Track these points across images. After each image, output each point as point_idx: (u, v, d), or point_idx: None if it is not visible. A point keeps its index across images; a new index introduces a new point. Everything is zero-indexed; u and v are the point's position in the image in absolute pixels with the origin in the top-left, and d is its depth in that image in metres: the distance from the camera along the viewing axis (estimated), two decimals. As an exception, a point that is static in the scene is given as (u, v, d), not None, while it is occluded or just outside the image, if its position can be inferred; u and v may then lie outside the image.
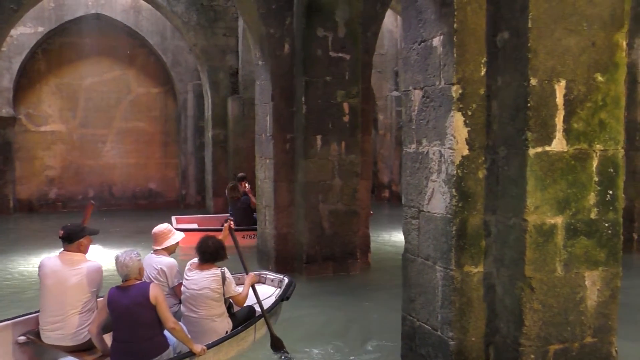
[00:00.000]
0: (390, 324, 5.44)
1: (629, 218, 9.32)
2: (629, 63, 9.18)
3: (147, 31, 14.93)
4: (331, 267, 7.98)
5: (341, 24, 7.90)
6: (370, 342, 5.40)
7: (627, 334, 4.86)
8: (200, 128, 15.47)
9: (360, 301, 6.85)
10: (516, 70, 3.83)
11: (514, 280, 3.84)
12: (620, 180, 3.99)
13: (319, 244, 7.91)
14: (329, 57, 7.87)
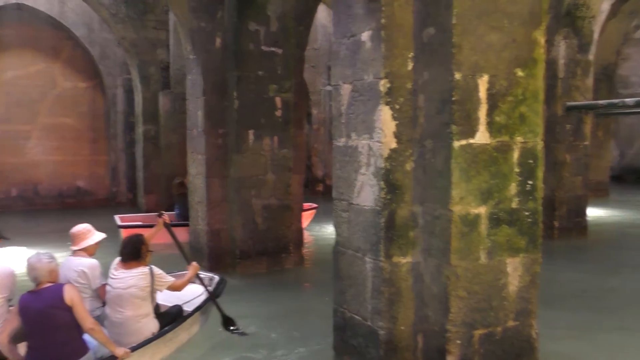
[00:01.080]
0: (322, 316, 5.49)
1: (550, 207, 9.75)
2: (549, 59, 9.63)
3: (73, 23, 14.40)
4: (265, 263, 7.98)
5: (273, 18, 7.88)
6: (303, 335, 5.44)
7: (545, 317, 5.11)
8: (130, 124, 15.08)
9: (293, 295, 6.89)
10: (442, 65, 3.93)
11: (440, 269, 3.95)
12: (539, 170, 4.17)
13: (252, 240, 7.89)
14: (261, 51, 7.85)
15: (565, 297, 6.54)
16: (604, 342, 5.10)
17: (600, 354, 4.83)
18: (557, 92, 9.71)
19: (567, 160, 9.89)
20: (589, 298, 6.57)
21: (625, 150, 21.61)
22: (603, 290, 6.90)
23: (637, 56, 20.75)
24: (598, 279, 7.43)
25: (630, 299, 6.58)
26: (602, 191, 16.16)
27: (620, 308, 6.19)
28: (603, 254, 9.19)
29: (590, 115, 10.58)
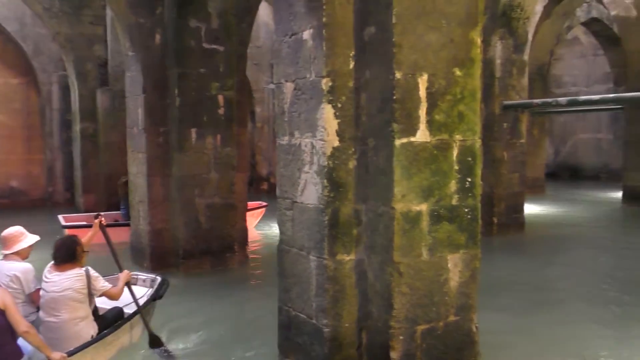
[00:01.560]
0: (267, 315, 5.47)
1: (489, 203, 10.03)
2: (487, 59, 9.89)
3: (3, 17, 13.84)
4: (209, 262, 7.89)
5: (214, 14, 7.78)
6: (248, 334, 5.41)
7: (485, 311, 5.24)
8: (67, 121, 14.61)
9: (238, 294, 6.83)
10: (382, 64, 3.97)
11: (383, 266, 4.00)
12: (478, 168, 4.27)
13: (195, 239, 7.79)
14: (202, 48, 7.74)
15: (504, 291, 6.73)
16: (542, 334, 5.27)
17: (538, 345, 4.99)
18: (495, 91, 9.98)
19: (505, 158, 10.19)
20: (527, 291, 6.79)
21: (559, 148, 22.43)
22: (540, 284, 7.14)
23: (570, 56, 21.58)
24: (535, 273, 7.69)
25: (566, 291, 6.83)
26: (538, 188, 16.73)
27: (557, 300, 6.43)
28: (540, 249, 9.52)
29: (526, 114, 10.93)
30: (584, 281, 7.28)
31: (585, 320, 5.64)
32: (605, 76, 19.68)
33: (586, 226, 11.63)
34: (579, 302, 6.35)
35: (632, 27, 13.36)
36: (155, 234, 7.85)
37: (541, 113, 15.67)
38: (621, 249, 9.38)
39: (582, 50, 21.18)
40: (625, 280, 7.27)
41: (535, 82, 16.15)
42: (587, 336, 5.18)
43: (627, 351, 4.85)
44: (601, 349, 4.89)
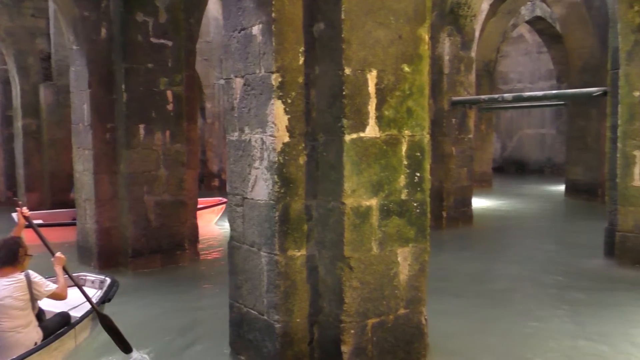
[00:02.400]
0: (218, 313, 5.43)
1: (438, 198, 10.21)
2: (435, 55, 10.03)
3: (-61, 9, 13.25)
4: (159, 260, 7.76)
5: (162, 9, 7.64)
6: (199, 332, 5.35)
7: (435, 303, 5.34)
8: (8, 118, 14.10)
9: (189, 292, 6.75)
10: (332, 60, 3.98)
11: (334, 260, 4.02)
12: (426, 163, 4.33)
13: (145, 237, 7.65)
14: (150, 43, 7.59)
15: (453, 283, 6.86)
16: (491, 325, 5.39)
17: (486, 335, 5.11)
18: (443, 87, 10.15)
19: (453, 153, 10.37)
20: (475, 283, 6.94)
21: (506, 143, 23.00)
22: (488, 275, 7.30)
23: (515, 54, 22.13)
24: (483, 265, 7.86)
25: (513, 282, 7.00)
26: (485, 182, 17.11)
27: (505, 291, 6.58)
28: (487, 241, 9.74)
29: (473, 110, 11.16)
30: (530, 271, 7.49)
31: (530, 309, 5.80)
32: (549, 73, 20.27)
33: (531, 218, 11.97)
34: (525, 291, 6.53)
35: (573, 25, 13.78)
36: (103, 232, 7.68)
37: (488, 109, 16.02)
38: (563, 239, 9.70)
39: (527, 48, 21.76)
40: (566, 267, 7.52)
41: (483, 78, 16.51)
42: (532, 325, 5.33)
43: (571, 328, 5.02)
44: (548, 337, 5.04)
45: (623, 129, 7.46)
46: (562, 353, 4.67)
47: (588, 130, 13.83)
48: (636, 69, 7.26)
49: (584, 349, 4.75)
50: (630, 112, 7.37)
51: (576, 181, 14.26)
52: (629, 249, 7.44)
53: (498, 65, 19.54)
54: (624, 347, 4.77)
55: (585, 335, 5.03)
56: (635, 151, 7.35)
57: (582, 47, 13.72)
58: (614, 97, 7.68)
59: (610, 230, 7.83)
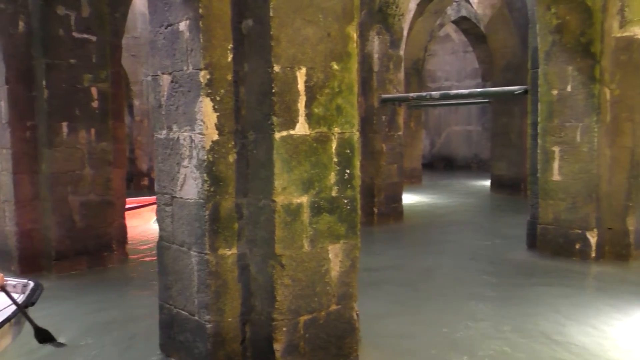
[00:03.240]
0: (148, 314, 5.32)
1: (369, 194, 10.36)
2: (365, 53, 10.16)
3: None
4: (85, 262, 7.52)
5: (85, 2, 7.39)
6: (127, 335, 5.21)
7: (366, 298, 5.42)
8: None
9: (117, 294, 6.57)
10: (261, 57, 3.96)
11: (266, 259, 4.01)
12: (356, 160, 4.38)
13: (70, 239, 7.39)
14: (72, 38, 7.32)
15: (384, 277, 6.98)
16: (420, 317, 5.52)
17: (418, 327, 5.22)
18: (373, 85, 10.29)
19: (384, 150, 10.54)
20: (405, 277, 7.08)
21: (434, 140, 23.60)
22: (418, 269, 7.47)
23: (442, 52, 22.73)
24: (414, 259, 8.03)
25: (442, 275, 7.20)
26: (415, 178, 17.51)
27: (434, 284, 6.76)
28: (417, 236, 9.97)
29: (403, 107, 11.38)
30: (457, 263, 7.72)
31: (459, 300, 5.97)
32: (474, 71, 20.94)
33: (459, 213, 12.34)
34: (454, 283, 6.72)
35: (496, 26, 14.28)
36: (24, 235, 7.35)
37: (417, 106, 16.39)
38: (489, 232, 10.05)
39: (454, 47, 22.39)
40: (492, 259, 7.80)
41: (412, 76, 16.88)
42: (461, 316, 5.49)
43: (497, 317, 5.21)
44: (476, 327, 5.20)
45: (542, 126, 7.80)
46: (490, 342, 4.83)
47: (511, 127, 14.36)
48: (554, 69, 7.61)
49: (509, 337, 4.93)
50: (549, 109, 7.71)
51: (500, 176, 14.80)
52: (549, 240, 7.79)
53: (426, 63, 20.03)
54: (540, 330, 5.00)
55: (510, 322, 5.23)
56: (554, 147, 7.69)
57: (505, 47, 14.25)
58: (534, 95, 8.02)
59: (532, 223, 8.18)
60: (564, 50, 7.51)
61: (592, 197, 7.42)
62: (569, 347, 4.69)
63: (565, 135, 7.59)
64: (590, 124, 7.38)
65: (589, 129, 7.39)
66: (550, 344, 4.78)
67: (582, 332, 5.01)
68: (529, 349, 4.67)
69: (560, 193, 7.67)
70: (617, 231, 7.44)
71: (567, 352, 4.60)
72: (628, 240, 7.40)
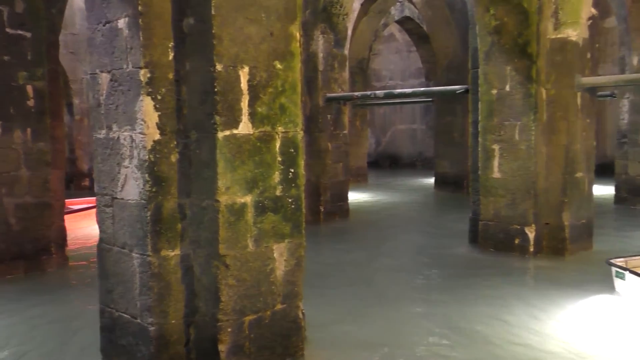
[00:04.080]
0: (88, 319, 5.18)
1: (316, 193, 10.40)
2: (310, 53, 10.19)
3: None
4: (22, 267, 7.25)
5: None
6: (66, 340, 5.06)
7: (312, 297, 5.44)
8: None
9: (56, 299, 6.37)
10: (203, 56, 3.92)
11: (209, 259, 3.97)
12: (300, 159, 4.39)
13: (5, 243, 7.11)
14: (6, 34, 7.05)
15: (330, 276, 7.02)
16: (366, 314, 5.57)
17: (363, 324, 5.27)
18: (318, 84, 10.33)
19: (329, 148, 10.59)
20: (351, 274, 7.13)
21: (380, 138, 23.87)
22: (364, 266, 7.55)
23: (387, 52, 23.02)
24: (359, 256, 8.10)
25: (387, 271, 7.29)
26: (361, 176, 17.67)
27: (380, 280, 6.84)
28: (363, 234, 10.06)
29: (348, 106, 11.47)
30: (402, 259, 7.84)
31: (403, 296, 6.06)
32: (418, 71, 21.28)
33: (404, 210, 12.53)
34: (399, 279, 6.82)
35: (438, 26, 14.56)
36: (-45, 239, 7.05)
37: (362, 105, 16.55)
38: (432, 229, 10.26)
39: (398, 47, 22.70)
40: (435, 255, 7.96)
41: (357, 75, 17.02)
42: (405, 311, 5.58)
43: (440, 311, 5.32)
44: (420, 321, 5.30)
45: (483, 125, 8.00)
46: (434, 338, 4.93)
47: (454, 126, 14.67)
48: (494, 69, 7.82)
49: (450, 332, 5.04)
50: (489, 108, 7.92)
51: (444, 174, 15.10)
52: (489, 236, 8.00)
53: (371, 63, 20.25)
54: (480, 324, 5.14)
55: (451, 317, 5.35)
56: (494, 145, 7.91)
57: (447, 47, 14.54)
58: (475, 94, 8.22)
59: (473, 219, 8.38)
60: (503, 51, 7.73)
61: (530, 194, 7.67)
62: (508, 339, 4.83)
63: (504, 133, 7.81)
64: (527, 123, 7.62)
65: (527, 127, 7.62)
66: (489, 337, 4.91)
67: (521, 325, 5.16)
68: (469, 344, 4.79)
69: (500, 190, 7.89)
70: (553, 226, 7.70)
71: (507, 344, 4.73)
72: (564, 235, 7.66)
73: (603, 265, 6.20)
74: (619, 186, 12.12)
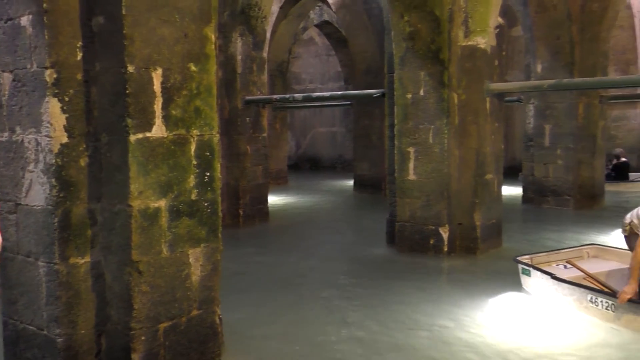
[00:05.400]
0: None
1: (235, 196, 10.31)
2: (228, 55, 10.11)
3: None
4: None
5: None
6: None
7: (232, 301, 5.39)
8: None
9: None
10: (114, 57, 3.81)
11: (122, 266, 3.86)
12: (216, 162, 4.34)
13: None
14: None
15: (249, 279, 6.98)
16: (284, 317, 5.57)
17: (282, 330, 5.25)
18: (237, 87, 10.24)
19: (249, 151, 10.51)
20: (270, 278, 7.11)
21: (300, 141, 23.97)
22: (283, 269, 7.54)
23: (307, 55, 23.16)
24: (279, 259, 8.10)
25: (306, 274, 7.30)
26: (281, 179, 17.67)
27: (299, 283, 6.84)
28: (283, 236, 10.07)
29: (267, 109, 11.45)
30: (321, 261, 7.89)
31: (321, 298, 6.11)
32: (337, 74, 21.55)
33: (323, 212, 12.63)
34: (317, 281, 6.85)
35: (356, 31, 14.79)
36: None
37: (282, 108, 16.58)
38: (351, 230, 10.41)
39: (317, 50, 22.89)
40: (354, 256, 8.09)
41: (276, 78, 17.03)
42: (323, 314, 5.63)
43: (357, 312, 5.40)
44: (338, 323, 5.35)
45: (399, 128, 8.20)
46: (353, 338, 5.00)
47: (372, 129, 14.93)
48: (408, 73, 8.03)
49: (367, 330, 5.13)
50: (404, 112, 8.12)
51: (363, 176, 15.34)
52: (406, 237, 8.20)
53: (291, 66, 20.29)
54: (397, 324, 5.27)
55: (370, 318, 5.45)
56: (409, 148, 8.12)
57: (365, 52, 14.80)
58: (391, 98, 8.41)
59: (390, 220, 8.57)
60: (417, 57, 7.95)
61: (444, 195, 7.92)
62: (423, 339, 4.97)
63: (419, 136, 8.03)
64: (441, 127, 7.87)
65: (440, 131, 7.88)
66: (405, 337, 5.03)
67: (435, 323, 5.33)
68: (384, 345, 4.89)
69: (416, 192, 8.10)
70: (466, 226, 7.98)
71: (422, 343, 4.87)
72: (476, 235, 7.97)
73: (512, 263, 6.49)
74: (526, 187, 12.73)
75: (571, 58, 11.59)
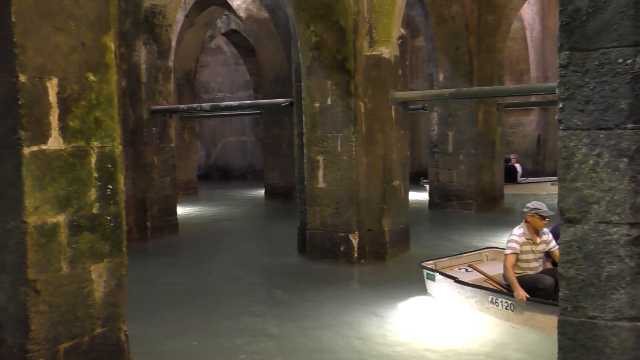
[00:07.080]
0: None
1: (142, 208, 10.03)
2: (132, 64, 9.85)
3: None
4: None
5: None
6: None
7: (141, 317, 5.24)
8: None
9: None
10: (4, 66, 3.62)
11: (17, 285, 3.66)
12: (119, 174, 4.21)
13: None
14: None
15: (158, 293, 6.80)
16: (197, 333, 5.46)
17: (195, 345, 5.15)
18: (142, 96, 9.98)
19: (155, 162, 10.25)
20: (180, 291, 6.97)
21: (210, 150, 23.66)
22: (193, 282, 7.40)
23: (215, 64, 22.93)
24: (188, 272, 7.95)
25: (217, 286, 7.21)
26: (191, 189, 17.36)
27: (209, 296, 6.74)
28: (192, 248, 9.89)
29: (174, 119, 11.22)
30: (232, 272, 7.81)
31: (233, 310, 6.05)
32: (246, 83, 21.47)
33: (234, 222, 12.52)
34: (228, 293, 6.78)
35: (263, 40, 14.82)
36: None
37: (190, 117, 16.30)
38: (263, 240, 10.39)
39: (226, 59, 22.71)
40: (265, 265, 8.08)
41: (184, 87, 16.74)
42: (234, 325, 5.57)
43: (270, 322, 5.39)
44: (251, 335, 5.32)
45: (307, 137, 8.28)
46: (263, 352, 4.98)
47: (282, 138, 14.99)
48: (315, 83, 8.13)
49: (277, 339, 5.13)
50: (312, 121, 8.21)
51: (274, 185, 15.36)
52: (316, 244, 8.27)
53: (198, 75, 20.03)
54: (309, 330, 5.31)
55: (281, 326, 5.45)
56: (318, 156, 8.21)
57: (273, 61, 14.85)
58: (299, 107, 8.48)
59: (301, 228, 8.62)
60: (323, 66, 8.06)
61: (353, 202, 8.06)
62: (334, 344, 5.03)
63: (327, 145, 8.14)
64: (348, 135, 8.02)
65: (348, 139, 8.02)
66: (315, 345, 5.07)
67: (351, 328, 5.41)
68: (294, 354, 4.91)
69: (326, 199, 8.20)
70: (375, 232, 8.16)
71: (334, 349, 4.93)
72: (384, 240, 8.16)
73: (418, 268, 6.69)
74: (432, 192, 13.19)
75: (470, 67, 12.16)
